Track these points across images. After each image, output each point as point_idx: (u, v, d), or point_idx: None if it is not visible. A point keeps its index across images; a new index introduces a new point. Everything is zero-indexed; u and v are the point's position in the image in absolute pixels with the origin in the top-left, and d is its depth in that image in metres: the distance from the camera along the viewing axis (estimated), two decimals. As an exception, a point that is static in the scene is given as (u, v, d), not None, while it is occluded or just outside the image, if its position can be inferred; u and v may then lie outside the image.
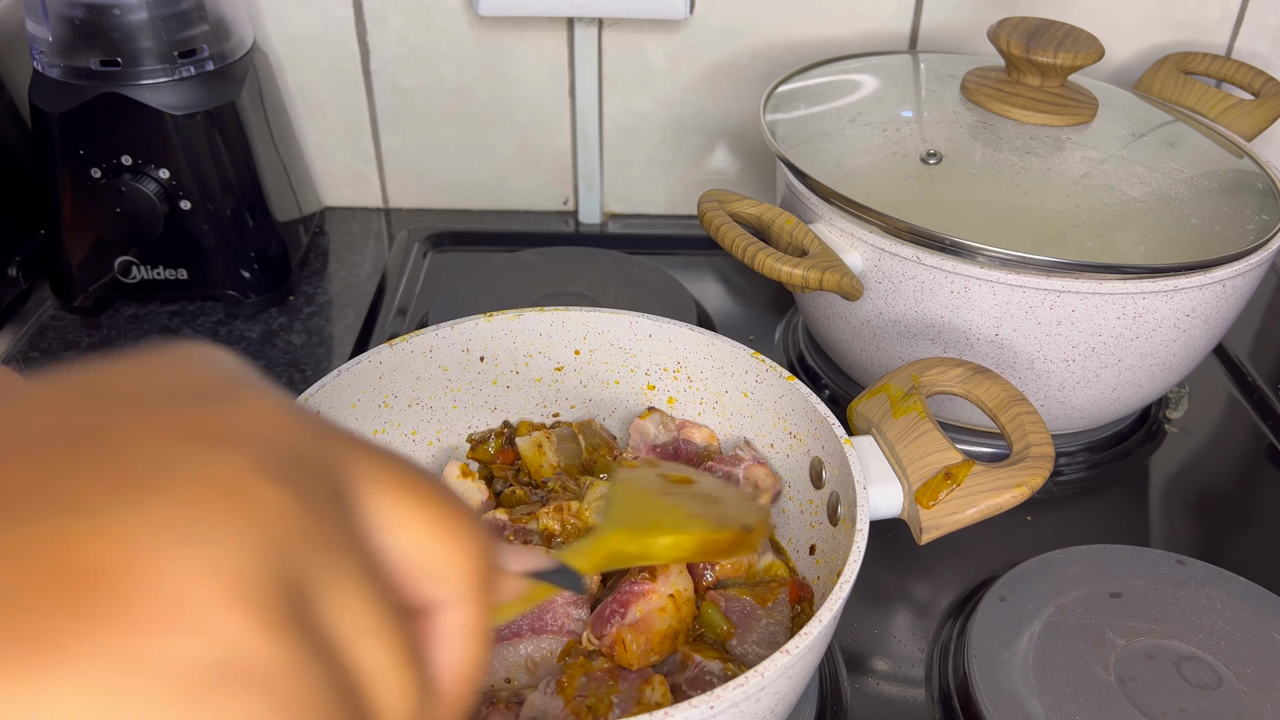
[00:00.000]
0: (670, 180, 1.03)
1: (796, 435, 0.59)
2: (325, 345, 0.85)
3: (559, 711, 0.48)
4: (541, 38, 0.95)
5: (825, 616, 0.44)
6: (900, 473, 0.53)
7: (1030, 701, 0.55)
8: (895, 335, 0.70)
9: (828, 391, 0.82)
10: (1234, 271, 0.65)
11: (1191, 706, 0.55)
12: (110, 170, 0.79)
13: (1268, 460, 0.78)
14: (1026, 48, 0.74)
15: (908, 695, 0.59)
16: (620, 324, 0.65)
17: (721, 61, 0.96)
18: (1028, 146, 0.73)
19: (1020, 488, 0.52)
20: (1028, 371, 0.68)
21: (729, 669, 0.51)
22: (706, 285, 0.95)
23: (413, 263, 0.96)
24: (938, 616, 0.64)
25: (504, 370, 0.66)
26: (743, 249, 0.66)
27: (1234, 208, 0.70)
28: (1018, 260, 0.63)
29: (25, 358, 0.82)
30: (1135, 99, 0.83)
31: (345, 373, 0.59)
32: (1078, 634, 0.59)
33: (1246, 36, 0.95)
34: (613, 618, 0.51)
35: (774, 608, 0.55)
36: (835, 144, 0.75)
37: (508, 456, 0.65)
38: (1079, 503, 0.74)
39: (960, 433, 0.75)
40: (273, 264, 0.88)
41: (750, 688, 0.41)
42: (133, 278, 0.84)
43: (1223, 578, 0.63)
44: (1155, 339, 0.67)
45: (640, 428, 0.65)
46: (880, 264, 0.68)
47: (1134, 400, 0.73)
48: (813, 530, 0.58)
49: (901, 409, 0.55)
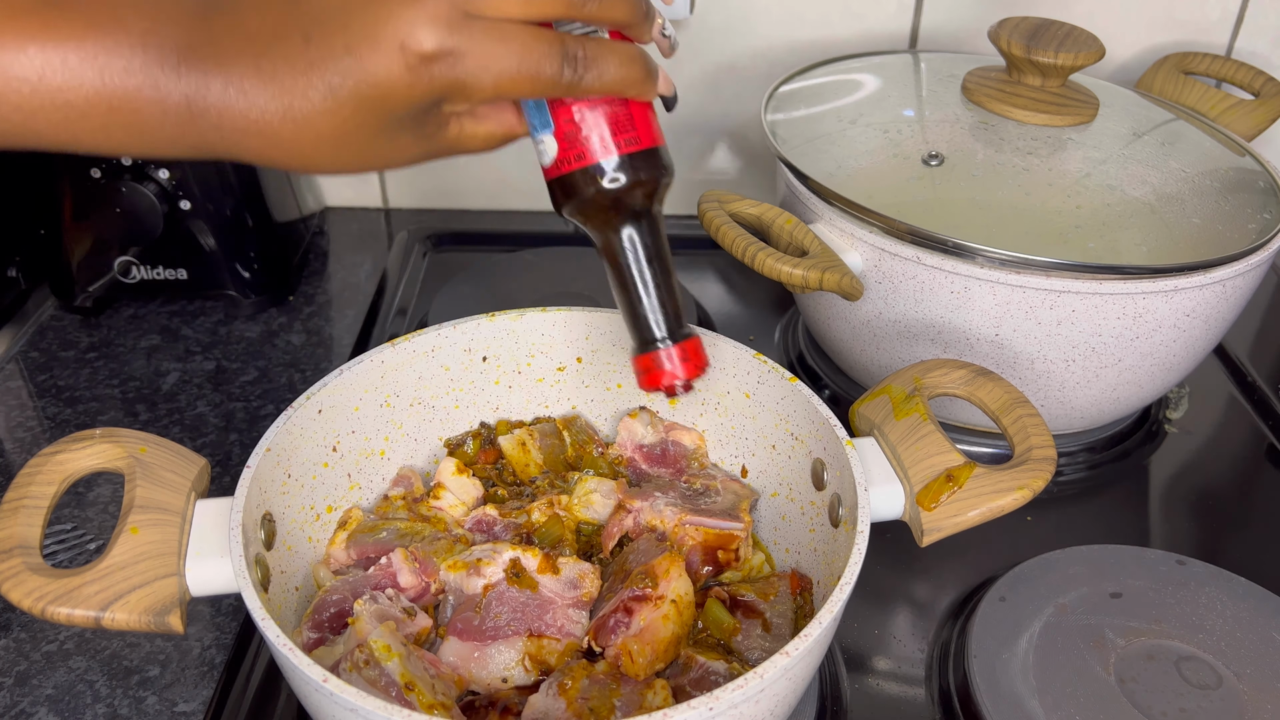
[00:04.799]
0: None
1: (798, 437, 0.59)
2: (325, 345, 0.85)
3: (561, 713, 0.48)
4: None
5: (825, 618, 0.44)
6: (902, 474, 0.53)
7: (1030, 701, 0.55)
8: (895, 335, 0.70)
9: (828, 392, 0.82)
10: (1234, 271, 0.65)
11: (1191, 706, 0.55)
12: (110, 170, 0.79)
13: (1268, 460, 0.78)
14: (1027, 48, 0.74)
15: (908, 695, 0.59)
16: (621, 324, 0.65)
17: (721, 61, 0.96)
18: (1029, 147, 0.73)
19: (1022, 490, 0.52)
20: (1028, 371, 0.68)
21: (734, 669, 0.51)
22: (706, 285, 0.95)
23: (413, 263, 0.96)
24: (938, 616, 0.64)
25: (506, 370, 0.66)
26: (743, 249, 0.66)
27: (1236, 206, 0.70)
28: (1018, 261, 0.63)
29: (25, 358, 0.82)
30: (1136, 97, 0.83)
31: (347, 372, 0.59)
32: (1078, 634, 0.59)
33: (1246, 36, 0.95)
34: (617, 628, 0.51)
35: (776, 600, 0.55)
36: (836, 145, 0.75)
37: (489, 456, 0.65)
38: (1079, 503, 0.74)
39: (961, 433, 0.75)
40: (273, 264, 0.88)
41: (750, 689, 0.41)
42: (133, 278, 0.84)
43: (1223, 578, 0.63)
44: (1155, 339, 0.67)
45: (628, 426, 0.65)
46: (880, 264, 0.68)
47: (1134, 400, 0.73)
48: (813, 532, 0.58)
49: (904, 411, 0.55)
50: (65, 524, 0.66)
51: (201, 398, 0.78)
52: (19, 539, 0.47)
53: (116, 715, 0.56)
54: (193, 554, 0.49)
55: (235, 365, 0.82)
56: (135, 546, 0.47)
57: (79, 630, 0.60)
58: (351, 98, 0.39)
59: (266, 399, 0.78)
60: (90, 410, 0.77)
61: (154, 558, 0.47)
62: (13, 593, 0.45)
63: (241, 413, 0.77)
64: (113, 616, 0.46)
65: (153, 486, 0.50)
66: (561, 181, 0.47)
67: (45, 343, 0.84)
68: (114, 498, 0.68)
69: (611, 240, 0.48)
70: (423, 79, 0.39)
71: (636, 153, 0.46)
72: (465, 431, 0.66)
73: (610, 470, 0.64)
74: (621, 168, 0.46)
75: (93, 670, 0.58)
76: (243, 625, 0.61)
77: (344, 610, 0.53)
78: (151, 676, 0.58)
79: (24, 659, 0.59)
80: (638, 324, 0.49)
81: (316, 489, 0.58)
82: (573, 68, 0.41)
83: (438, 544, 0.57)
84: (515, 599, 0.53)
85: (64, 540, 0.65)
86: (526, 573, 0.54)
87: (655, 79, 0.45)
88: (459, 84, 0.40)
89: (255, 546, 0.51)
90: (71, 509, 0.67)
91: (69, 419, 0.76)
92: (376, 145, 0.41)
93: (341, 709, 0.41)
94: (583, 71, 0.41)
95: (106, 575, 0.46)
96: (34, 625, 0.61)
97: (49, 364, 0.81)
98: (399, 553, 0.56)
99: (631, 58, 0.43)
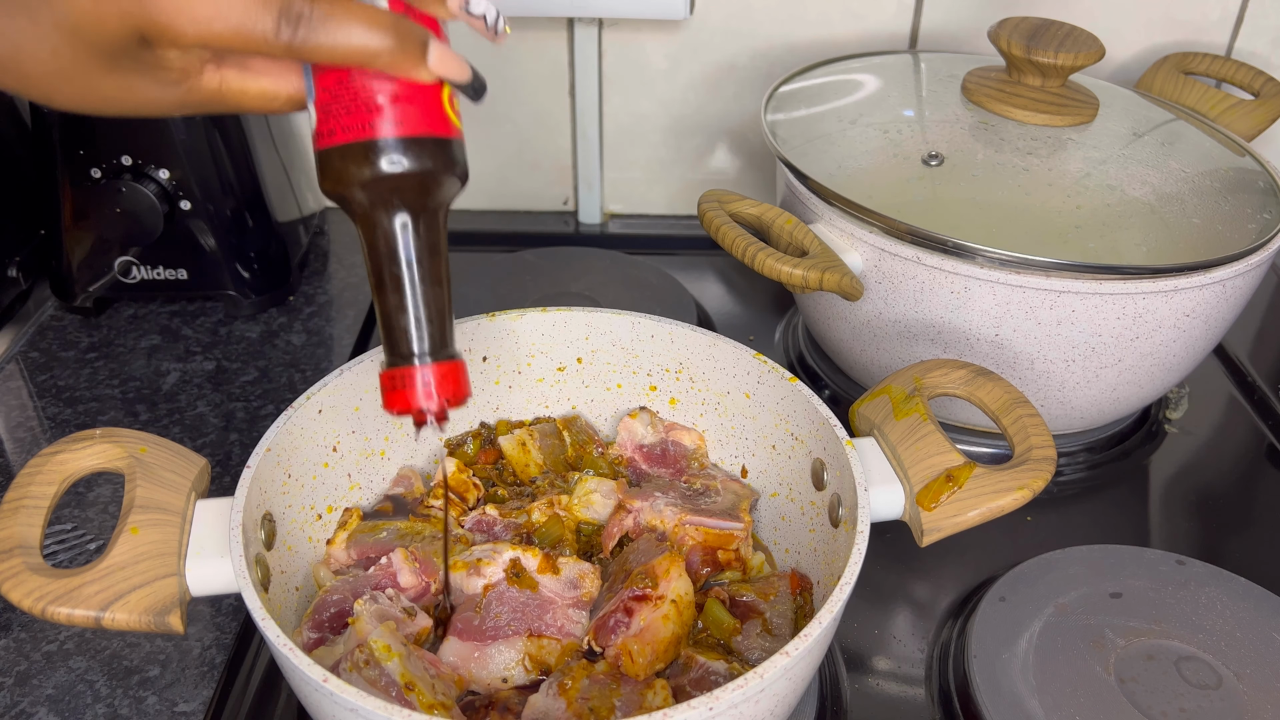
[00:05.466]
0: (670, 180, 1.03)
1: (798, 437, 0.59)
2: (325, 345, 0.85)
3: (561, 713, 0.48)
4: (541, 38, 0.95)
5: (825, 619, 0.44)
6: (902, 475, 0.53)
7: (1030, 701, 0.55)
8: (895, 335, 0.70)
9: (828, 392, 0.82)
10: (1234, 272, 0.65)
11: (1191, 706, 0.55)
12: (110, 170, 0.79)
13: (1268, 460, 0.78)
14: (1027, 48, 0.74)
15: (908, 695, 0.59)
16: (622, 324, 0.65)
17: (721, 61, 0.96)
18: (1029, 147, 0.73)
19: (1022, 490, 0.52)
20: (1028, 372, 0.68)
21: (734, 669, 0.51)
22: (706, 285, 0.95)
23: (413, 262, 0.96)
24: (938, 616, 0.64)
25: (506, 370, 0.66)
26: (743, 249, 0.66)
27: (1235, 206, 0.70)
28: (1017, 261, 0.63)
29: (25, 358, 0.82)
30: (1136, 97, 0.83)
31: (347, 372, 0.59)
32: (1078, 634, 0.59)
33: (1246, 36, 0.95)
34: (617, 628, 0.51)
35: (776, 600, 0.55)
36: (836, 145, 0.75)
37: (489, 456, 0.65)
38: (1079, 503, 0.74)
39: (961, 433, 0.75)
40: (273, 264, 0.88)
41: (750, 689, 0.41)
42: (133, 278, 0.84)
43: (1223, 578, 0.63)
44: (1155, 339, 0.67)
45: (629, 426, 0.65)
46: (880, 264, 0.68)
47: (1134, 400, 0.73)
48: (813, 533, 0.58)
49: (904, 411, 0.55)
50: (65, 524, 0.66)
51: (201, 398, 0.78)
52: (19, 539, 0.47)
53: (116, 715, 0.56)
54: (193, 554, 0.49)
55: (235, 365, 0.82)
56: (135, 546, 0.47)
57: (79, 630, 0.60)
58: (51, 26, 0.37)
59: (266, 399, 0.78)
60: (90, 410, 0.77)
61: (154, 558, 0.47)
62: (13, 593, 0.45)
63: (241, 413, 0.77)
64: (113, 616, 0.46)
65: (153, 486, 0.50)
66: (319, 156, 0.42)
67: (45, 343, 0.84)
68: (114, 498, 0.68)
69: (371, 234, 0.43)
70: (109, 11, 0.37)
71: (403, 138, 0.41)
72: (465, 431, 0.66)
73: (610, 470, 0.64)
74: (380, 153, 0.41)
75: (93, 670, 0.58)
76: (243, 625, 0.61)
77: (344, 610, 0.53)
78: (151, 676, 0.58)
79: (24, 659, 0.59)
80: (389, 334, 0.43)
81: (316, 489, 0.58)
82: (292, 26, 0.37)
83: (438, 544, 0.57)
84: (515, 599, 0.53)
85: (64, 540, 0.65)
86: (526, 573, 0.54)
87: (416, 53, 0.40)
88: (153, 23, 0.38)
89: (255, 546, 0.51)
90: (71, 509, 0.67)
91: (69, 419, 0.76)
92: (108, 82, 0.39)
93: (341, 709, 0.41)
94: (306, 32, 0.37)
95: (106, 575, 0.46)
96: (34, 625, 0.61)
97: (49, 364, 0.81)
98: (399, 553, 0.56)
99: (376, 23, 0.38)
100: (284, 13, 0.37)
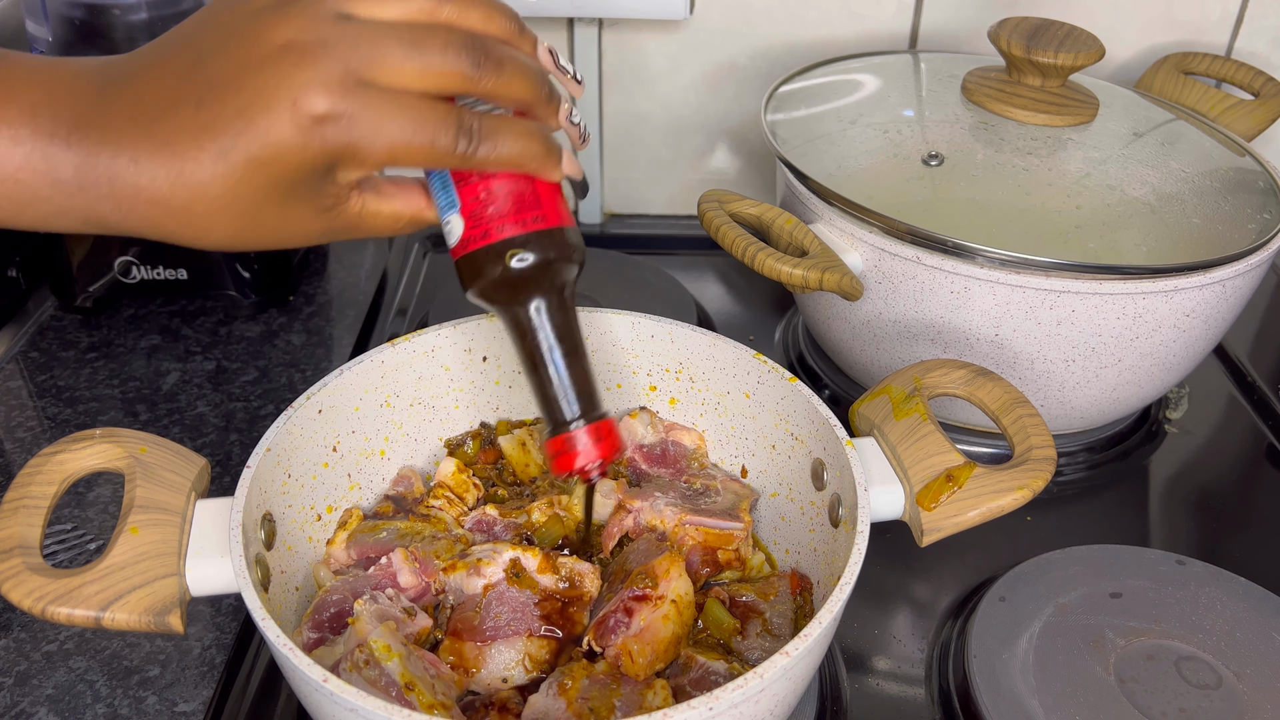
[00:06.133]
0: (670, 180, 1.03)
1: (798, 437, 0.59)
2: (325, 345, 0.85)
3: (561, 713, 0.48)
4: (541, 37, 0.94)
5: (825, 619, 0.44)
6: (902, 474, 0.53)
7: (1030, 701, 0.55)
8: (895, 335, 0.70)
9: (828, 391, 0.82)
10: (1234, 271, 0.65)
11: (1191, 706, 0.55)
12: (110, 170, 0.79)
13: (1268, 460, 0.78)
14: (1027, 48, 0.74)
15: (908, 695, 0.59)
16: (622, 324, 0.65)
17: (721, 61, 0.96)
18: (1029, 147, 0.73)
19: (1022, 490, 0.52)
20: (1028, 371, 0.68)
21: (734, 669, 0.51)
22: (706, 285, 0.95)
23: (413, 263, 0.96)
24: (938, 616, 0.64)
25: (506, 370, 0.66)
26: (743, 249, 0.66)
27: (1235, 206, 0.70)
28: (1017, 261, 0.63)
29: (25, 358, 0.82)
30: (1136, 97, 0.83)
31: (347, 372, 0.59)
32: (1078, 634, 0.59)
33: (1246, 36, 0.95)
34: (617, 628, 0.51)
35: (776, 600, 0.55)
36: (836, 145, 0.75)
37: (489, 456, 0.65)
38: (1079, 503, 0.74)
39: (961, 433, 0.75)
40: (273, 264, 0.88)
41: (750, 689, 0.41)
42: (133, 278, 0.84)
43: (1223, 578, 0.63)
44: (1155, 339, 0.67)
45: (628, 426, 0.65)
46: (880, 264, 0.68)
47: (1134, 400, 0.73)
48: (813, 533, 0.58)
49: (903, 411, 0.55)
50: (65, 524, 0.66)
51: (201, 398, 0.78)
52: (19, 539, 0.47)
53: (116, 715, 0.56)
54: (193, 554, 0.49)
55: (235, 365, 0.82)
56: (135, 546, 0.47)
57: (79, 630, 0.60)
58: (243, 160, 0.39)
59: (266, 399, 0.78)
60: (90, 410, 0.77)
61: (154, 558, 0.47)
62: (13, 593, 0.45)
63: (241, 413, 0.77)
64: (113, 616, 0.46)
65: (153, 486, 0.50)
66: (468, 259, 0.47)
67: (45, 343, 0.84)
68: (114, 498, 0.68)
69: (520, 319, 0.48)
70: (314, 140, 0.39)
71: (543, 230, 0.46)
72: (465, 431, 0.66)
73: (610, 470, 0.64)
74: (528, 245, 0.46)
75: (93, 670, 0.58)
76: (243, 625, 0.61)
77: (344, 610, 0.53)
78: (151, 676, 0.58)
79: (24, 659, 0.59)
80: (548, 406, 0.49)
81: (316, 489, 0.58)
82: (468, 139, 0.42)
83: (438, 544, 0.57)
84: (515, 599, 0.53)
85: (64, 540, 0.65)
86: (526, 573, 0.54)
87: (556, 156, 0.45)
88: (351, 147, 0.40)
89: (255, 546, 0.51)
90: (71, 509, 0.67)
91: (69, 419, 0.76)
92: (272, 215, 0.41)
93: (341, 709, 0.41)
94: (478, 144, 0.42)
95: (106, 575, 0.46)
96: (34, 625, 0.61)
97: (49, 364, 0.81)
98: (399, 553, 0.56)
99: (529, 132, 0.44)
100: (461, 128, 0.42)
